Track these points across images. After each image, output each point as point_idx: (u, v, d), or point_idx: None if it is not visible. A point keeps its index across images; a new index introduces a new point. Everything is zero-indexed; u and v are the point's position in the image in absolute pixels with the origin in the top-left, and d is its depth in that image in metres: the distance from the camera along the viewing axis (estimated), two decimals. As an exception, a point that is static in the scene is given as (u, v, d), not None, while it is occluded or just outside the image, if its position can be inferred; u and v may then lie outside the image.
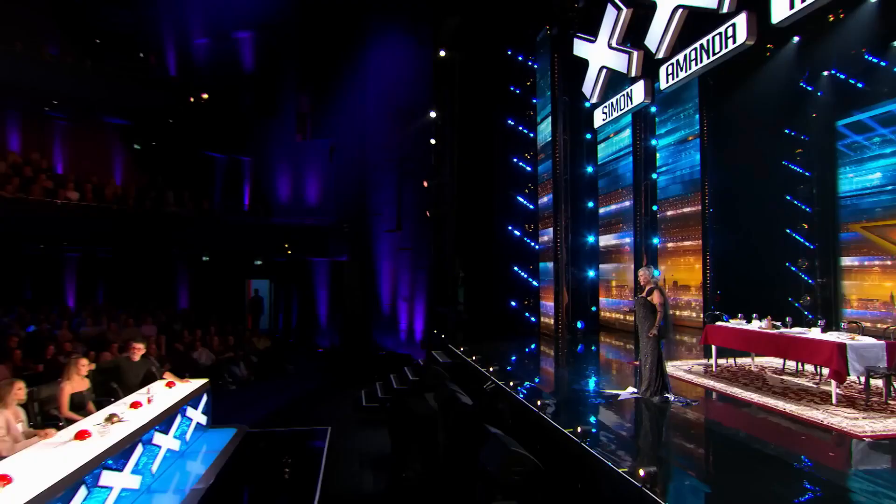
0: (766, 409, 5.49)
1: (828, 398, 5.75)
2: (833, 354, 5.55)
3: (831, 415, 5.20)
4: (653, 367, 5.89)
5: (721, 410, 5.73)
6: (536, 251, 11.89)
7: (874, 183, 9.69)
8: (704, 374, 7.22)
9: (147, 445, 5.10)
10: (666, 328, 5.89)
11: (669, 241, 12.29)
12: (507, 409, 5.95)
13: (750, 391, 6.18)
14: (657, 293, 5.86)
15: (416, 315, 14.01)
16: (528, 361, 8.95)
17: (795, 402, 5.64)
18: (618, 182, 12.03)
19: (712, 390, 6.34)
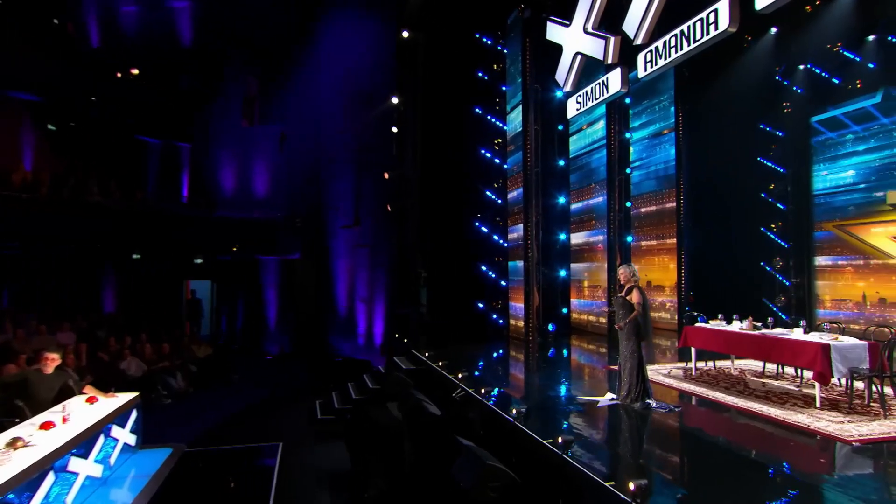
0: (751, 413, 5.55)
1: (811, 401, 5.87)
2: (817, 356, 5.66)
3: (816, 418, 5.28)
4: (633, 372, 5.86)
5: (705, 416, 5.75)
6: (505, 249, 11.84)
7: (847, 181, 10.11)
8: (684, 377, 7.30)
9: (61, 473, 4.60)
10: (645, 329, 5.87)
11: (643, 240, 12.47)
12: (479, 418, 5.81)
13: (732, 395, 6.26)
14: (636, 292, 5.84)
15: (376, 318, 13.72)
16: (499, 367, 8.91)
17: (779, 406, 5.73)
18: (590, 177, 12.11)
19: (694, 395, 6.39)
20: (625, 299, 5.90)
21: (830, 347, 5.64)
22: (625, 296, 5.93)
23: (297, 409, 9.72)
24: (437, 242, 11.78)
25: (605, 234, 11.47)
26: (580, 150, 12.46)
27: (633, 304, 5.82)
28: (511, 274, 11.51)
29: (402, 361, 9.51)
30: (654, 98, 12.09)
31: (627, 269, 6.01)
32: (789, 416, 5.40)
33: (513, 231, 11.55)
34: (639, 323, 5.85)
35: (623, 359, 5.96)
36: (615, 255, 11.24)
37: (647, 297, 5.97)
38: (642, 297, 5.84)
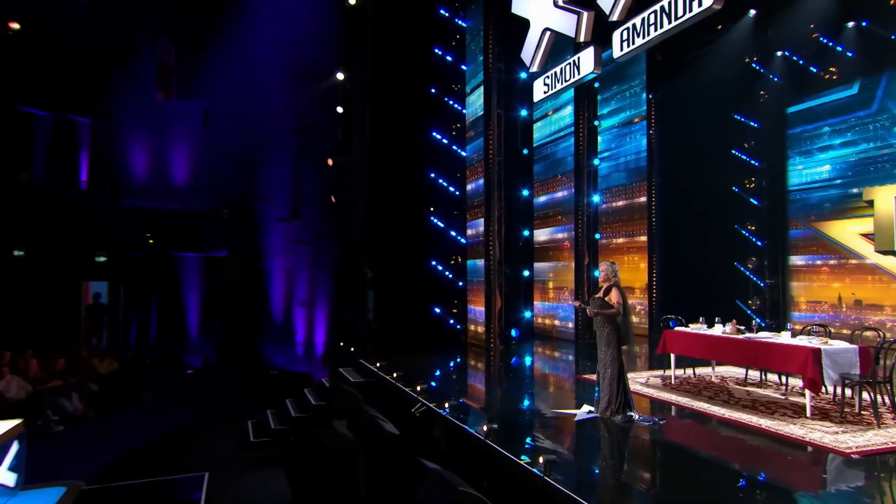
0: (741, 425, 5.54)
1: (800, 410, 5.95)
2: (808, 361, 5.70)
3: (809, 429, 5.31)
4: (613, 382, 5.74)
5: (693, 430, 5.70)
6: (463, 246, 11.67)
7: (823, 176, 10.51)
8: (664, 386, 7.30)
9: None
10: (626, 334, 5.80)
11: (612, 237, 12.58)
12: (443, 436, 5.55)
13: (717, 405, 6.27)
14: (615, 291, 5.74)
15: (317, 324, 13.26)
16: (460, 377, 8.81)
17: (769, 417, 5.76)
18: (556, 168, 12.07)
19: (676, 405, 6.38)
20: (603, 300, 5.76)
21: (821, 352, 5.68)
22: (603, 296, 5.81)
23: (225, 431, 9.16)
24: (388, 238, 11.52)
25: (572, 230, 11.42)
26: (545, 139, 12.42)
27: (612, 304, 5.66)
28: (470, 274, 11.36)
29: (350, 373, 9.17)
30: (624, 83, 12.19)
31: (609, 267, 5.91)
32: (781, 427, 5.41)
33: (472, 226, 11.39)
34: (619, 326, 5.73)
35: (602, 367, 5.83)
36: (583, 253, 11.24)
37: (626, 297, 5.85)
38: (622, 298, 5.72)
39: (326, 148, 12.42)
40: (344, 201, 11.84)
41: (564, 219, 11.70)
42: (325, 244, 13.15)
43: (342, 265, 12.08)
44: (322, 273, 13.33)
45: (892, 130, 9.36)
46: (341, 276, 12.15)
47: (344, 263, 11.95)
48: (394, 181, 11.54)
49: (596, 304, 5.85)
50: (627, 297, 6.02)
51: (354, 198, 11.68)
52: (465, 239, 11.60)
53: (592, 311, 5.75)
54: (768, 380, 7.44)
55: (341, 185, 11.96)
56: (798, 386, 7.00)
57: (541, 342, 11.56)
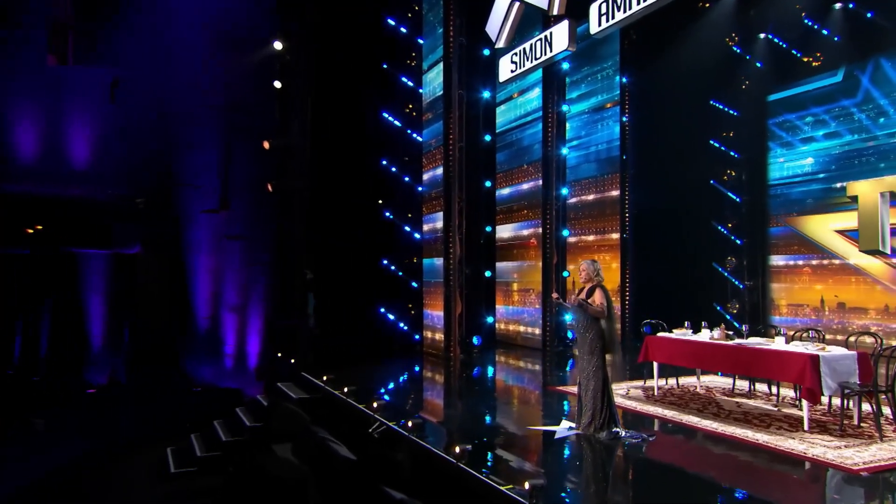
0: (736, 441, 5.56)
1: (796, 423, 6.03)
2: (805, 369, 5.76)
3: (809, 444, 5.37)
4: (597, 394, 5.67)
5: (685, 447, 5.70)
6: (419, 243, 11.54)
7: (805, 170, 10.86)
8: (647, 398, 7.32)
9: None
10: (610, 340, 5.73)
11: (581, 234, 12.64)
12: (408, 460, 5.39)
13: (707, 419, 6.30)
14: (599, 293, 5.69)
15: (250, 332, 12.90)
16: (421, 392, 8.76)
17: (764, 431, 5.81)
18: (522, 157, 12.03)
19: (663, 420, 6.37)
20: (587, 302, 5.69)
21: (820, 359, 5.76)
22: (586, 298, 5.67)
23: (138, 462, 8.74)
24: (332, 233, 11.29)
25: (539, 226, 11.43)
26: (510, 124, 12.36)
27: (597, 305, 5.61)
28: (426, 274, 11.22)
29: (291, 389, 8.90)
30: (596, 65, 12.26)
31: (590, 265, 5.85)
32: (779, 441, 5.45)
33: (429, 221, 11.23)
34: (603, 332, 5.67)
35: (584, 378, 5.75)
36: (552, 251, 11.26)
37: (611, 299, 5.81)
38: (607, 301, 5.66)
39: (261, 129, 12.00)
40: (282, 191, 11.54)
41: (531, 213, 11.68)
42: (260, 240, 12.80)
43: (279, 264, 11.82)
44: (256, 273, 12.93)
45: (877, 122, 9.76)
46: (278, 277, 11.91)
47: (282, 262, 11.69)
48: (340, 168, 11.30)
49: (580, 310, 5.75)
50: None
51: (294, 187, 11.39)
52: (420, 235, 11.48)
53: (576, 299, 5.68)
54: (757, 390, 7.57)
55: (279, 171, 11.64)
56: (790, 397, 7.14)
57: (505, 350, 11.54)
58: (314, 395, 8.29)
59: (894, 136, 9.58)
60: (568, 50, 8.54)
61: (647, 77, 12.19)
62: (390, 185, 11.61)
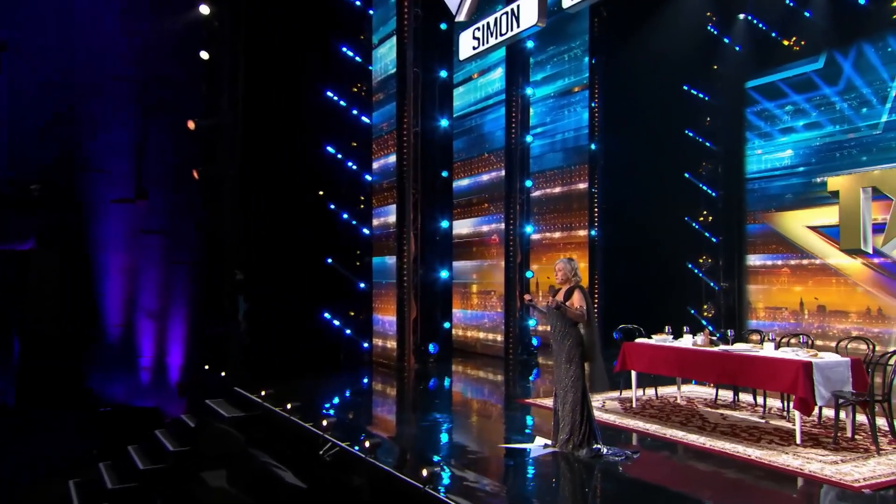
0: (726, 457, 5.62)
1: (786, 436, 6.17)
2: (798, 377, 5.87)
3: (805, 459, 5.47)
4: (576, 407, 5.66)
5: (672, 465, 5.71)
6: (368, 239, 11.43)
7: (784, 163, 11.21)
8: (625, 411, 7.37)
9: None
10: (590, 347, 5.73)
11: (545, 231, 12.69)
12: (367, 486, 5.33)
13: (693, 432, 6.37)
14: (579, 295, 5.64)
15: (172, 341, 12.60)
16: (374, 407, 8.71)
17: (755, 445, 5.91)
18: (482, 144, 12.02)
19: (646, 434, 6.41)
20: (565, 305, 5.64)
21: (813, 367, 5.88)
22: (564, 300, 5.65)
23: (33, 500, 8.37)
24: (268, 227, 11.08)
25: (501, 221, 11.43)
26: (469, 108, 12.31)
27: (580, 311, 5.57)
28: (377, 275, 11.13)
29: (222, 406, 8.61)
30: (563, 44, 12.33)
31: (567, 264, 5.82)
32: (772, 457, 5.54)
33: (380, 214, 11.14)
34: (582, 338, 5.66)
35: (562, 390, 5.72)
36: (516, 249, 11.26)
37: (591, 303, 5.81)
38: (587, 303, 5.65)
39: (185, 106, 11.70)
40: (209, 179, 11.26)
41: (492, 207, 11.68)
42: (183, 235, 12.50)
43: (206, 263, 11.63)
44: (179, 274, 12.64)
45: (859, 112, 10.14)
46: (205, 278, 11.72)
47: (209, 261, 11.49)
48: (277, 153, 11.07)
49: (557, 314, 5.69)
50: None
51: (223, 174, 11.15)
52: (370, 230, 11.37)
53: (553, 302, 5.63)
54: (741, 400, 7.71)
55: (206, 156, 11.36)
56: (776, 407, 7.29)
57: (463, 359, 11.53)
58: (250, 414, 8.08)
59: (877, 127, 9.97)
60: (537, 25, 8.52)
61: (618, 59, 12.34)
62: (335, 174, 11.41)
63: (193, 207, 12.03)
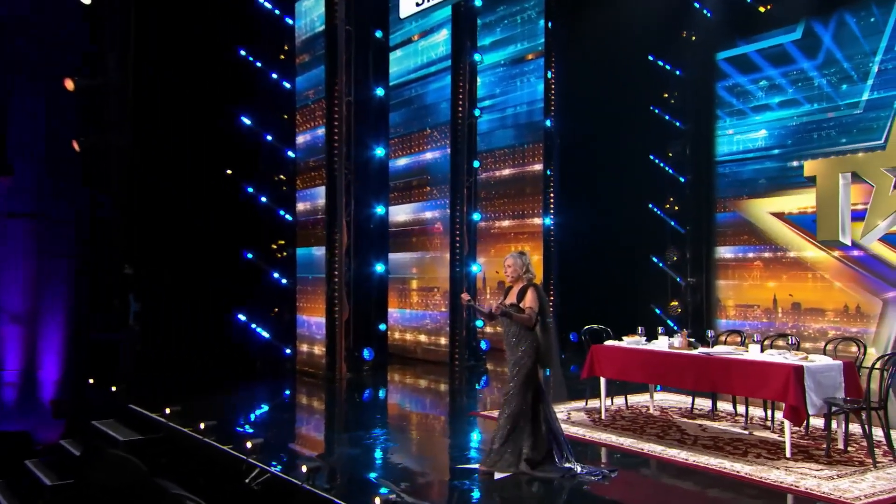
0: (713, 473, 5.74)
1: (775, 449, 6.36)
2: (789, 383, 6.02)
3: (799, 475, 5.64)
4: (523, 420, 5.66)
5: (654, 484, 5.79)
6: (291, 226, 11.30)
7: (757, 144, 11.62)
8: (593, 423, 7.46)
9: None
10: (546, 352, 5.78)
11: (494, 219, 12.75)
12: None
13: (672, 446, 6.50)
14: (532, 294, 5.69)
15: (45, 350, 12.22)
16: (305, 425, 8.68)
17: (742, 460, 6.06)
18: (423, 118, 12.00)
19: (620, 449, 6.49)
20: (517, 306, 5.69)
21: (804, 371, 6.08)
22: (517, 301, 5.72)
23: None
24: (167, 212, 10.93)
25: (446, 207, 11.45)
26: (407, 75, 12.27)
27: (526, 312, 5.63)
28: (302, 269, 11.03)
29: (114, 428, 8.37)
30: (515, 3, 12.41)
31: (518, 259, 5.85)
32: (762, 472, 5.69)
33: (305, 198, 11.04)
34: (539, 344, 5.71)
35: (514, 397, 5.69)
36: (463, 240, 11.28)
37: (547, 302, 5.87)
38: (541, 303, 5.71)
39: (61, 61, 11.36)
40: (93, 150, 11.07)
41: (436, 191, 11.69)
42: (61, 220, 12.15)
43: (90, 255, 11.44)
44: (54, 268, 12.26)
45: (839, 88, 10.59)
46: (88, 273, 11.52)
47: (93, 252, 11.33)
48: (179, 123, 10.95)
49: (505, 318, 5.73)
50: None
51: (111, 146, 10.96)
52: (293, 217, 11.26)
53: (499, 307, 5.69)
54: (720, 410, 7.91)
55: (89, 124, 11.17)
56: (758, 416, 7.53)
57: (402, 366, 11.54)
58: (151, 436, 7.89)
59: (857, 105, 10.43)
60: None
61: (577, 23, 12.49)
62: (252, 149, 11.32)
63: (73, 186, 11.78)
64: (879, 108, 10.15)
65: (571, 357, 12.30)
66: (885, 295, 10.37)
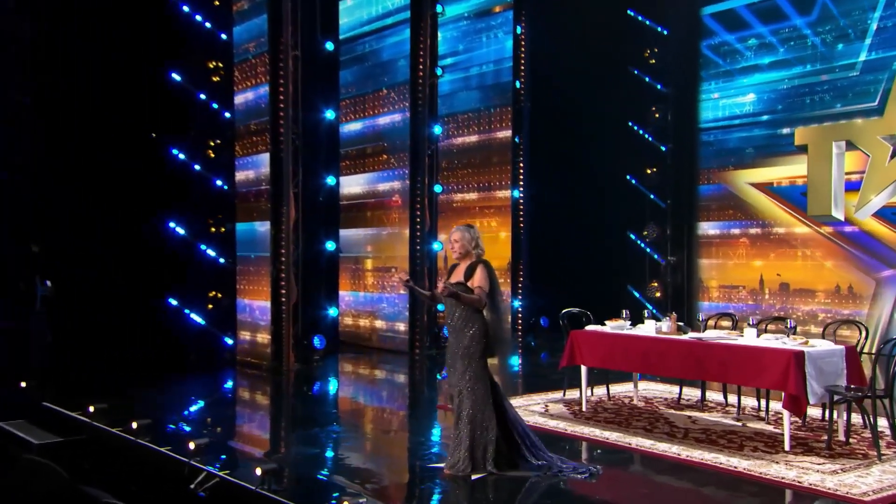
0: (707, 468, 5.81)
1: (772, 442, 6.47)
2: (789, 370, 6.10)
3: (800, 469, 5.73)
4: (478, 419, 5.63)
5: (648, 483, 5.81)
6: (229, 198, 11.09)
7: (745, 109, 11.76)
8: (574, 415, 7.51)
9: None
10: (496, 337, 5.80)
11: (456, 191, 12.68)
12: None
13: (662, 440, 6.57)
14: (482, 272, 5.67)
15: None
16: (252, 422, 8.65)
17: (738, 454, 6.14)
18: (379, 77, 11.90)
19: (606, 445, 6.54)
20: (465, 286, 5.64)
21: (805, 357, 6.15)
22: (464, 280, 5.67)
23: None
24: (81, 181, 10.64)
25: (405, 178, 11.39)
26: (359, 28, 12.15)
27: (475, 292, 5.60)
28: (243, 246, 10.85)
29: (25, 430, 8.07)
30: (479, -51, 12.27)
31: (466, 233, 5.81)
32: (762, 467, 5.77)
33: (246, 166, 10.83)
34: (487, 326, 5.71)
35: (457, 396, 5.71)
36: (424, 214, 11.25)
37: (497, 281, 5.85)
38: (491, 282, 5.68)
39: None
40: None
41: (393, 160, 11.62)
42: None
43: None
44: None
45: (835, 48, 10.76)
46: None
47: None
48: (93, 76, 10.62)
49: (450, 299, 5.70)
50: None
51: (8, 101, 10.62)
52: (231, 188, 11.05)
53: (445, 286, 5.63)
54: (710, 400, 8.03)
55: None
56: (749, 407, 7.66)
57: (356, 355, 11.55)
58: (72, 438, 7.66)
59: (854, 67, 10.61)
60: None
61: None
62: (183, 109, 11.02)
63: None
64: (878, 70, 10.34)
65: (543, 344, 12.46)
66: (880, 274, 10.63)
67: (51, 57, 10.55)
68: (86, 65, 10.64)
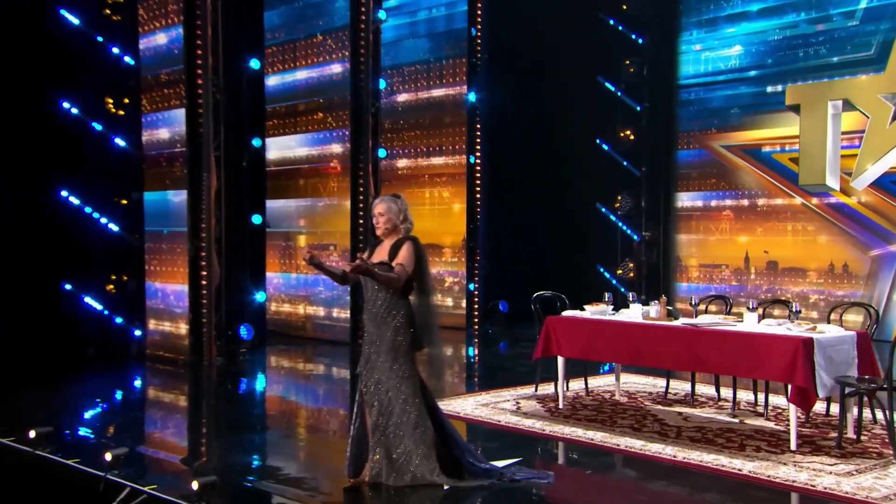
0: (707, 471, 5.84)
1: (776, 441, 6.54)
2: (797, 360, 6.12)
3: (812, 471, 5.78)
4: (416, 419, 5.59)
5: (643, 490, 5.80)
6: (136, 162, 10.87)
7: (731, 63, 11.85)
8: (550, 413, 7.50)
9: None
10: (426, 330, 5.76)
11: (402, 156, 12.54)
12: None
13: (653, 440, 6.58)
14: (408, 249, 5.61)
15: None
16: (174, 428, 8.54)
17: (740, 455, 6.18)
18: (311, 21, 11.77)
19: (590, 446, 6.53)
20: (388, 265, 5.60)
21: (814, 345, 6.20)
22: (388, 259, 5.62)
23: None
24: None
25: (345, 140, 11.29)
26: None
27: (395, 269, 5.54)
28: (153, 219, 10.72)
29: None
30: None
31: (392, 204, 5.76)
32: (769, 470, 5.80)
33: (155, 124, 10.65)
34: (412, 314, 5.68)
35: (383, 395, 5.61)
36: (367, 182, 11.15)
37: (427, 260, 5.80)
38: (420, 261, 5.66)
39: None
40: None
41: (332, 119, 11.50)
42: None
43: None
44: None
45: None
46: None
47: None
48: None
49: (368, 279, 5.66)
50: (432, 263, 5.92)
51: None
52: (137, 150, 10.84)
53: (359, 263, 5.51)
54: (700, 394, 8.09)
55: None
56: (744, 401, 7.75)
57: (288, 348, 11.56)
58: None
59: (853, 16, 10.74)
60: None
61: None
62: (76, 55, 10.72)
63: None
64: (879, 20, 10.50)
65: (502, 332, 12.47)
66: (877, 251, 10.85)
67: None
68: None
